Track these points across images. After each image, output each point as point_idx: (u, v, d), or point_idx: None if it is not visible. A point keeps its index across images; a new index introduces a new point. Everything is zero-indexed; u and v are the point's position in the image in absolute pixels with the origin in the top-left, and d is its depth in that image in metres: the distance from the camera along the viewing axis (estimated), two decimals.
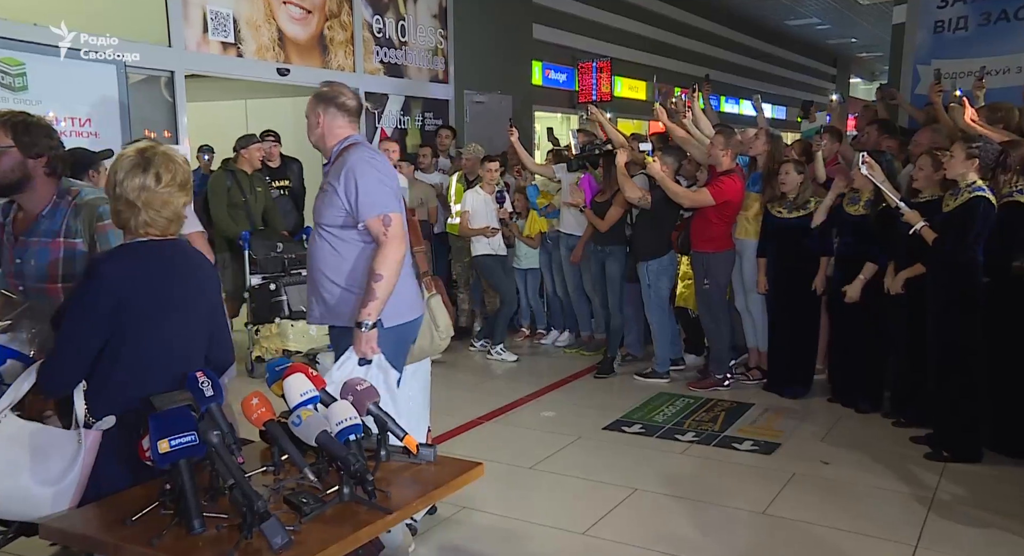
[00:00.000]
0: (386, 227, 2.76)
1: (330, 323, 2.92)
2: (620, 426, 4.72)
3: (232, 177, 5.73)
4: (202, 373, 1.90)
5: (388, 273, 2.73)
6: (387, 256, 2.74)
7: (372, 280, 2.73)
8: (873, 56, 21.30)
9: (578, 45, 11.25)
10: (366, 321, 2.72)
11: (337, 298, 2.84)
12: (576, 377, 5.80)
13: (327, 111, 2.91)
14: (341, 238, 2.81)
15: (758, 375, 5.51)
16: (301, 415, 1.87)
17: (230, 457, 1.74)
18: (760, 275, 5.17)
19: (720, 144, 5.16)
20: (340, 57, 7.25)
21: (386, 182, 2.84)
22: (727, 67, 15.26)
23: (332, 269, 2.83)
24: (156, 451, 1.71)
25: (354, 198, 2.75)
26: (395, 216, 2.79)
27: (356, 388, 2.04)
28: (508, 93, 9.80)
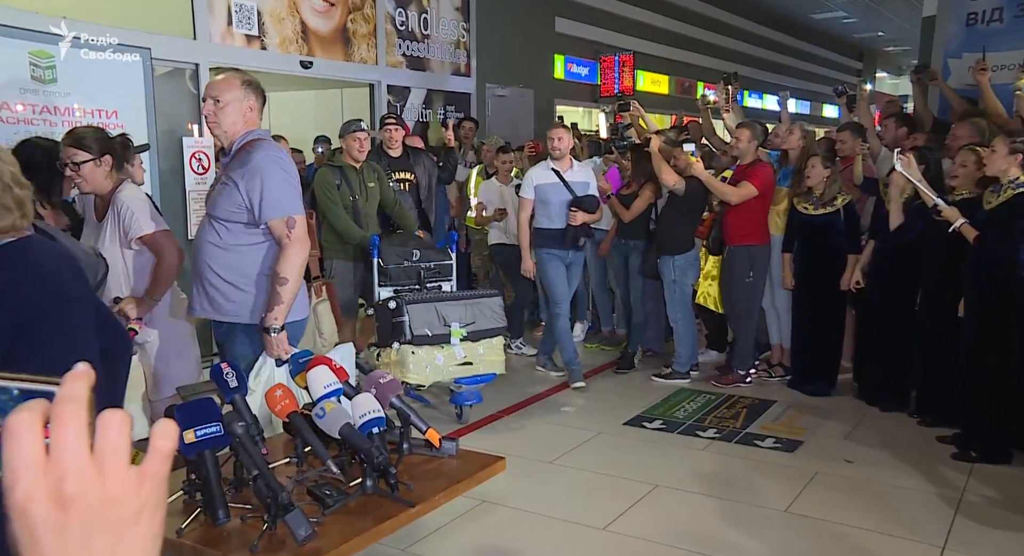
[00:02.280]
0: (290, 229, 2.70)
1: (213, 318, 2.86)
2: (641, 422, 4.69)
3: (339, 173, 4.78)
4: (227, 364, 1.91)
5: (293, 276, 2.70)
6: (291, 259, 2.69)
7: (277, 284, 2.69)
8: (901, 50, 20.96)
9: (600, 39, 11.20)
10: (274, 325, 2.69)
11: (221, 293, 2.79)
12: (596, 372, 5.78)
13: (258, 100, 2.83)
14: (231, 232, 2.76)
15: (781, 372, 5.47)
16: (325, 407, 1.87)
17: (255, 448, 1.75)
18: (785, 271, 5.13)
19: (746, 137, 5.13)
20: (363, 50, 7.26)
21: (291, 182, 2.77)
22: (750, 61, 15.12)
23: (218, 262, 2.79)
24: (182, 441, 1.71)
25: (258, 198, 2.68)
26: (299, 218, 2.74)
27: (379, 381, 2.04)
28: (530, 87, 9.78)
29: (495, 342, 4.45)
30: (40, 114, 4.59)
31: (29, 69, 4.56)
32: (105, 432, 0.51)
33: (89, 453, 0.50)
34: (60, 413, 0.50)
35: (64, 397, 0.51)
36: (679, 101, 12.95)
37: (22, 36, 4.51)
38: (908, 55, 20.21)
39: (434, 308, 4.23)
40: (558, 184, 5.07)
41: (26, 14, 4.60)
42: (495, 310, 4.43)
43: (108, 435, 0.51)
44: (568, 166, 5.11)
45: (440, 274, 4.70)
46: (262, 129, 2.86)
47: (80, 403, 0.51)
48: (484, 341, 4.39)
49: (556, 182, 5.08)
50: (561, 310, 5.21)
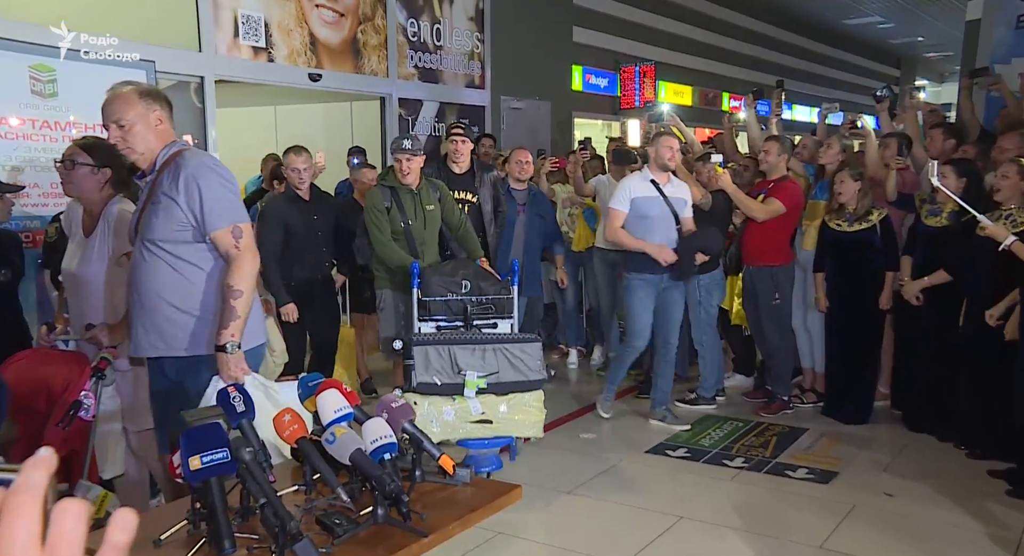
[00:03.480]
0: (237, 239, 2.61)
1: (169, 354, 2.69)
2: (664, 449, 4.68)
3: (391, 195, 4.49)
4: (234, 388, 1.94)
5: (246, 288, 2.60)
6: (243, 269, 2.60)
7: (230, 297, 2.57)
8: (942, 56, 20.67)
9: (620, 48, 11.27)
10: (231, 343, 2.56)
11: (178, 326, 2.65)
12: (617, 397, 5.77)
13: (163, 109, 2.70)
14: (182, 257, 2.63)
15: (813, 398, 5.44)
16: (335, 432, 1.89)
17: (262, 475, 1.77)
18: (818, 292, 5.11)
19: (775, 150, 5.14)
20: (373, 62, 7.36)
21: (232, 189, 2.69)
22: (779, 70, 15.01)
23: (170, 291, 2.64)
24: (187, 468, 1.74)
25: (199, 209, 2.58)
26: (245, 226, 2.65)
27: (391, 405, 2.06)
28: (547, 99, 9.85)
29: (529, 399, 3.72)
30: (40, 129, 4.68)
31: (29, 83, 4.65)
32: (60, 523, 0.50)
33: (40, 548, 0.49)
34: (12, 505, 0.50)
35: (18, 487, 0.50)
36: (703, 113, 12.98)
37: (22, 50, 4.61)
38: (950, 61, 19.98)
39: (448, 351, 3.67)
40: (658, 198, 4.81)
41: (26, 26, 4.69)
42: (531, 359, 3.71)
43: (63, 526, 0.50)
44: (667, 179, 4.87)
45: (496, 311, 4.15)
46: (180, 139, 2.76)
47: (35, 494, 0.50)
48: (512, 397, 3.70)
49: (656, 196, 4.81)
50: (637, 343, 4.94)
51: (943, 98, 17.00)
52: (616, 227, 4.84)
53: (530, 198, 5.70)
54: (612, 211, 4.88)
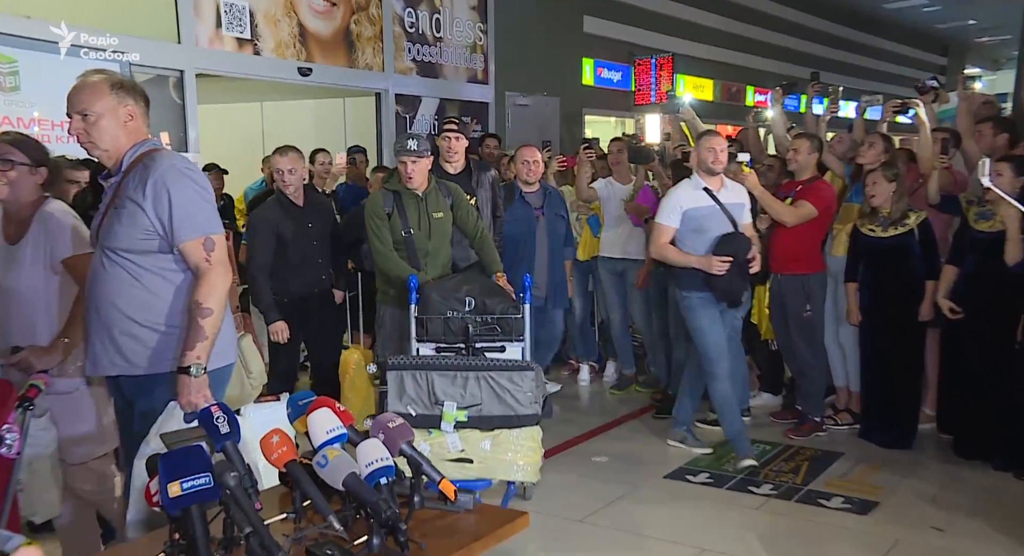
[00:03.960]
0: (208, 252, 2.58)
1: (129, 373, 2.65)
2: (684, 475, 4.67)
3: (393, 200, 4.44)
4: (217, 407, 1.94)
5: (217, 306, 2.56)
6: (213, 285, 2.57)
7: (198, 315, 2.54)
8: (997, 40, 20.09)
9: (635, 39, 11.32)
10: (195, 365, 2.51)
11: (138, 341, 2.61)
12: (631, 417, 5.77)
13: (137, 104, 2.66)
14: (145, 266, 2.60)
15: (849, 419, 5.41)
16: (327, 455, 1.90)
17: (248, 502, 1.77)
18: (850, 303, 5.09)
19: (805, 149, 5.14)
20: (368, 55, 7.40)
21: (206, 197, 2.64)
22: (809, 61, 14.78)
23: (130, 304, 2.60)
24: (166, 495, 1.74)
25: (167, 217, 2.55)
26: (218, 238, 2.62)
27: (387, 424, 2.06)
28: (555, 95, 9.89)
29: (520, 437, 3.48)
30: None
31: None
32: None
33: None
34: None
35: None
36: (725, 108, 12.99)
37: None
38: (1007, 46, 19.39)
39: (425, 378, 3.47)
40: (714, 208, 4.61)
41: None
42: (521, 391, 3.47)
43: None
44: (720, 185, 4.68)
45: (502, 332, 4.01)
46: (153, 138, 2.73)
47: None
48: (499, 433, 3.46)
49: (711, 205, 4.61)
50: (719, 371, 4.72)
51: (998, 88, 16.53)
52: (662, 243, 4.68)
53: (546, 199, 5.60)
54: (658, 227, 4.73)
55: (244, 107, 8.68)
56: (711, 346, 4.70)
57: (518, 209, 5.45)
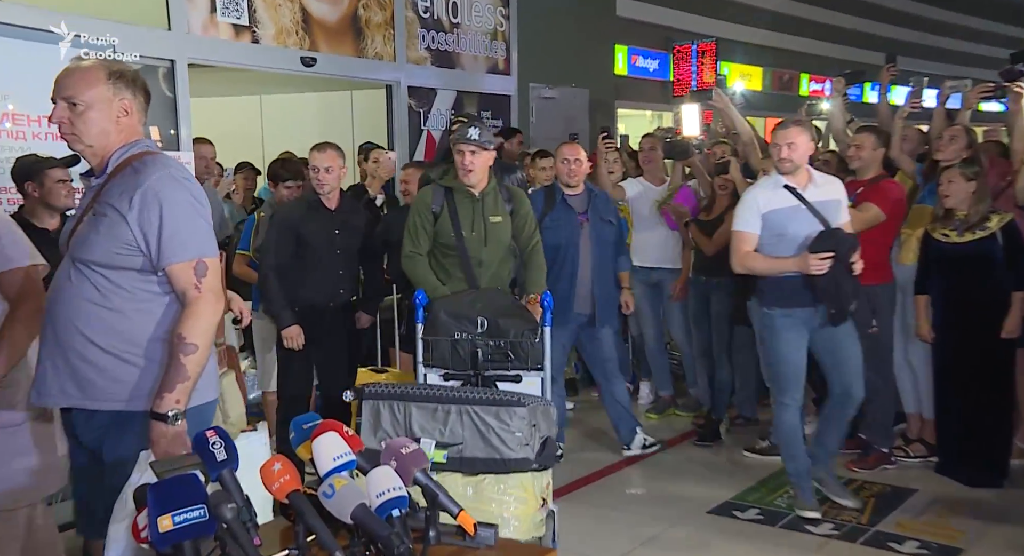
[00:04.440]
0: (199, 277, 2.50)
1: (86, 406, 2.55)
2: (731, 510, 4.65)
3: (445, 197, 4.37)
4: (213, 432, 1.95)
5: (203, 341, 2.48)
6: (201, 316, 2.49)
7: (180, 351, 2.45)
8: None
9: (674, 23, 11.29)
10: (173, 411, 2.43)
11: (101, 371, 2.51)
12: (670, 444, 5.76)
13: (136, 98, 2.61)
14: (119, 285, 2.51)
15: (922, 450, 5.32)
16: (334, 484, 1.90)
17: (246, 537, 1.78)
18: (921, 318, 5.02)
19: (870, 145, 5.08)
20: (378, 43, 7.43)
21: (203, 213, 2.59)
22: (873, 43, 14.37)
23: (95, 327, 2.51)
24: (155, 529, 1.74)
25: (155, 233, 2.47)
26: (211, 262, 2.55)
27: (400, 451, 2.07)
28: (584, 86, 9.89)
29: (508, 485, 3.25)
30: None
31: None
32: None
33: None
34: None
35: None
36: (776, 99, 12.87)
37: None
38: None
39: (403, 410, 3.35)
40: (799, 208, 4.43)
41: None
42: (508, 431, 3.26)
43: None
44: (807, 181, 4.48)
45: (516, 359, 3.91)
46: (148, 139, 2.66)
47: None
48: (482, 479, 3.25)
49: (796, 205, 4.44)
50: (789, 401, 4.56)
51: None
52: (744, 251, 4.51)
53: (591, 202, 5.39)
54: (736, 235, 4.56)
55: (241, 101, 8.74)
56: (785, 376, 4.54)
57: (559, 214, 5.30)
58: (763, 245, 4.50)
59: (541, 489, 3.31)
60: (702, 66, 11.08)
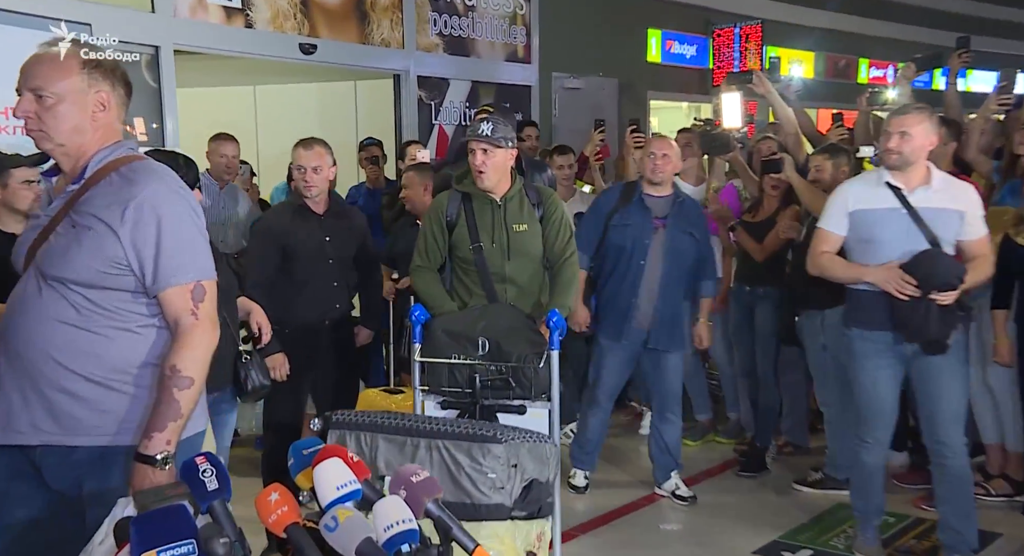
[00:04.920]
0: (196, 302, 2.48)
1: (63, 443, 2.46)
2: (779, 551, 4.63)
3: (461, 203, 4.29)
4: (204, 458, 1.96)
5: (199, 374, 2.46)
6: (197, 346, 2.47)
7: (174, 385, 2.41)
8: None
9: (714, 4, 11.25)
10: (163, 454, 2.38)
11: (81, 402, 2.45)
12: (710, 474, 5.74)
13: (114, 91, 2.55)
14: (103, 306, 2.45)
15: (1006, 488, 5.25)
16: (337, 516, 1.90)
17: None
18: (998, 336, 4.94)
19: (944, 138, 5.05)
20: (384, 28, 7.46)
21: (202, 228, 2.56)
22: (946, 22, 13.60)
23: (72, 351, 2.44)
24: None
25: (152, 253, 2.42)
26: (209, 285, 2.53)
27: (410, 478, 2.07)
28: (613, 75, 9.89)
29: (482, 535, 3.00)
30: None
31: None
32: None
33: None
34: None
35: None
36: (830, 88, 12.69)
37: None
38: None
39: (371, 442, 3.29)
40: (897, 212, 4.13)
41: None
42: (480, 473, 3.14)
43: None
44: (920, 181, 4.15)
45: (519, 387, 3.81)
46: (131, 140, 2.61)
47: None
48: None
49: (894, 208, 4.14)
50: (871, 439, 4.37)
51: None
52: (820, 252, 4.34)
53: (675, 208, 5.17)
54: (818, 232, 4.41)
55: (233, 92, 8.79)
56: (867, 407, 4.35)
57: (632, 213, 5.13)
58: (849, 250, 4.33)
59: (526, 542, 3.12)
60: (746, 52, 11.04)
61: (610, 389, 5.31)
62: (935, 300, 3.97)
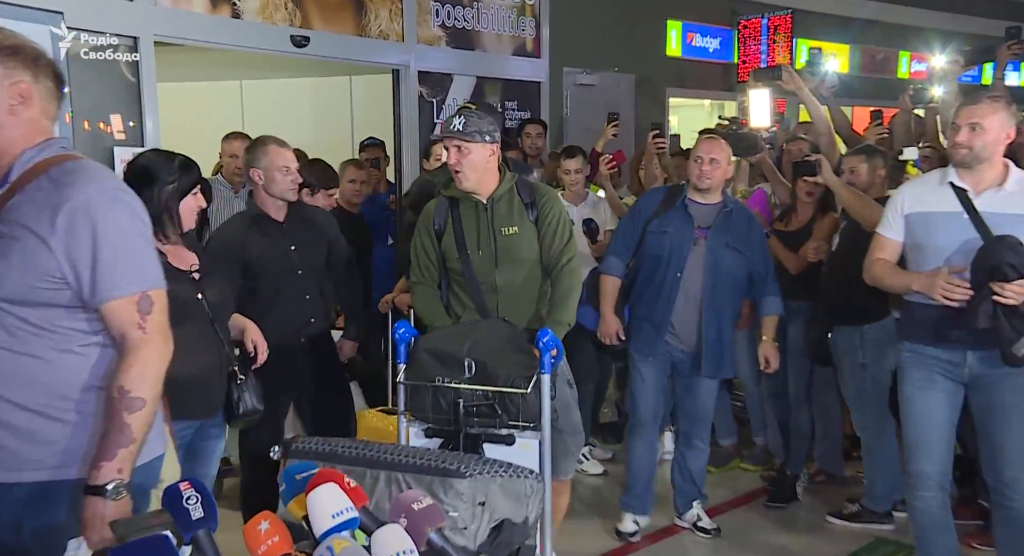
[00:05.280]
0: (143, 315, 2.41)
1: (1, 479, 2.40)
2: None
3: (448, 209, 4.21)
4: (188, 484, 1.95)
5: (151, 395, 2.40)
6: (148, 365, 2.41)
7: (123, 408, 2.35)
8: None
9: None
10: (114, 483, 2.33)
11: (24, 432, 2.39)
12: (735, 505, 5.74)
13: (37, 81, 2.44)
14: (38, 325, 2.38)
15: None
16: (333, 546, 1.90)
17: None
18: None
19: None
20: (383, 20, 7.47)
21: (146, 234, 2.49)
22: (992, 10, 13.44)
23: (11, 379, 2.38)
24: None
25: (88, 263, 2.34)
26: (157, 295, 2.46)
27: (412, 506, 2.07)
28: (630, 71, 9.90)
29: None
30: None
31: None
32: None
33: None
34: None
35: None
36: (868, 84, 12.64)
37: None
38: None
39: None
40: (958, 216, 3.96)
41: None
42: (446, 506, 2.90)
43: None
44: (993, 181, 3.97)
45: (506, 414, 3.65)
46: (63, 139, 2.55)
47: None
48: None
49: (955, 212, 3.97)
50: (923, 477, 4.14)
51: None
52: (875, 259, 4.24)
53: (721, 218, 5.05)
54: (876, 237, 4.31)
55: (218, 87, 8.82)
56: (916, 434, 4.14)
57: (672, 219, 5.03)
58: (906, 257, 4.20)
59: None
60: (774, 45, 11.03)
61: (651, 408, 5.18)
62: (997, 296, 3.69)
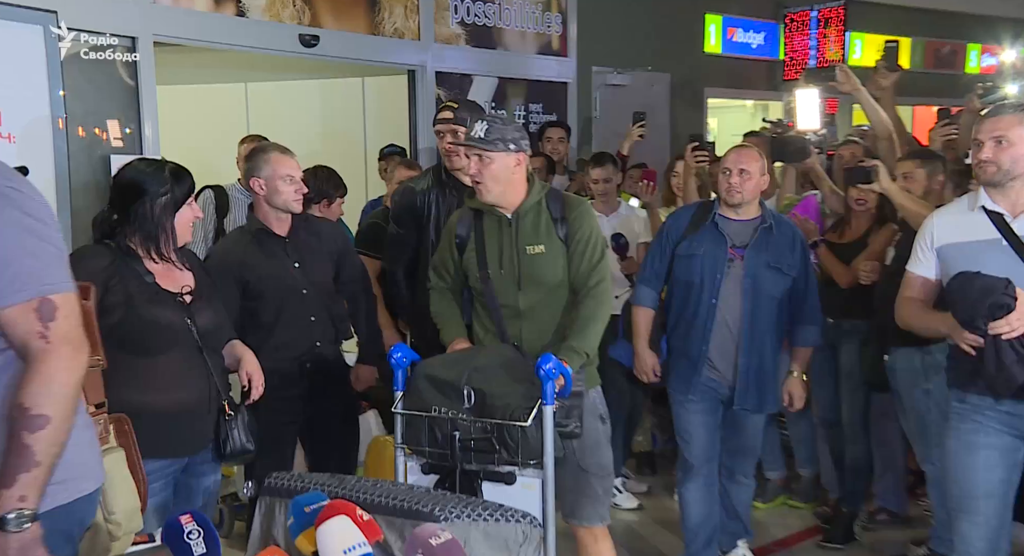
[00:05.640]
0: (44, 322, 2.33)
1: None
2: None
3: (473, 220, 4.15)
4: (190, 517, 1.96)
5: (58, 411, 2.30)
6: (53, 378, 2.31)
7: (23, 428, 2.26)
8: None
9: None
10: (15, 513, 2.23)
11: None
12: (784, 544, 5.71)
13: None
14: None
15: None
16: None
17: None
18: None
19: None
20: (397, 17, 7.49)
21: (42, 233, 2.41)
22: None
23: None
24: None
25: None
26: (62, 300, 2.38)
27: (429, 541, 2.07)
28: (664, 69, 9.88)
29: None
30: None
31: None
32: None
33: None
34: None
35: None
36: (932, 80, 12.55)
37: None
38: None
39: None
40: (996, 244, 3.83)
41: None
42: None
43: None
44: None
45: (504, 450, 3.55)
46: None
47: None
48: None
49: (992, 240, 3.85)
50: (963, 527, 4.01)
51: None
52: (904, 297, 4.13)
53: (760, 236, 4.87)
54: (905, 274, 4.21)
55: (222, 90, 8.85)
56: (957, 488, 4.00)
57: (703, 240, 4.86)
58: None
59: None
60: (824, 39, 10.97)
61: (703, 450, 5.00)
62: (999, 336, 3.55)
